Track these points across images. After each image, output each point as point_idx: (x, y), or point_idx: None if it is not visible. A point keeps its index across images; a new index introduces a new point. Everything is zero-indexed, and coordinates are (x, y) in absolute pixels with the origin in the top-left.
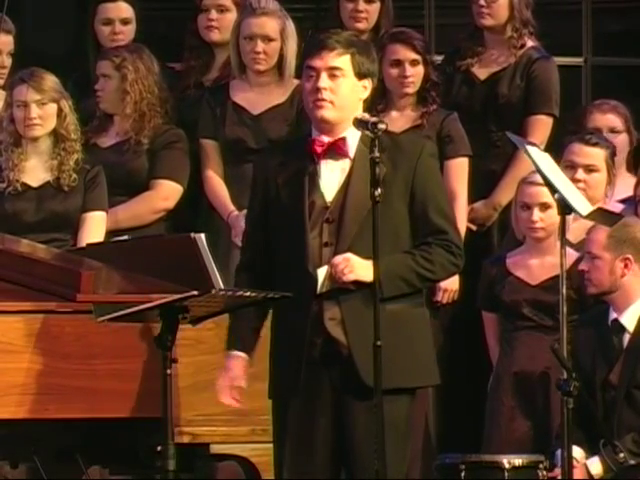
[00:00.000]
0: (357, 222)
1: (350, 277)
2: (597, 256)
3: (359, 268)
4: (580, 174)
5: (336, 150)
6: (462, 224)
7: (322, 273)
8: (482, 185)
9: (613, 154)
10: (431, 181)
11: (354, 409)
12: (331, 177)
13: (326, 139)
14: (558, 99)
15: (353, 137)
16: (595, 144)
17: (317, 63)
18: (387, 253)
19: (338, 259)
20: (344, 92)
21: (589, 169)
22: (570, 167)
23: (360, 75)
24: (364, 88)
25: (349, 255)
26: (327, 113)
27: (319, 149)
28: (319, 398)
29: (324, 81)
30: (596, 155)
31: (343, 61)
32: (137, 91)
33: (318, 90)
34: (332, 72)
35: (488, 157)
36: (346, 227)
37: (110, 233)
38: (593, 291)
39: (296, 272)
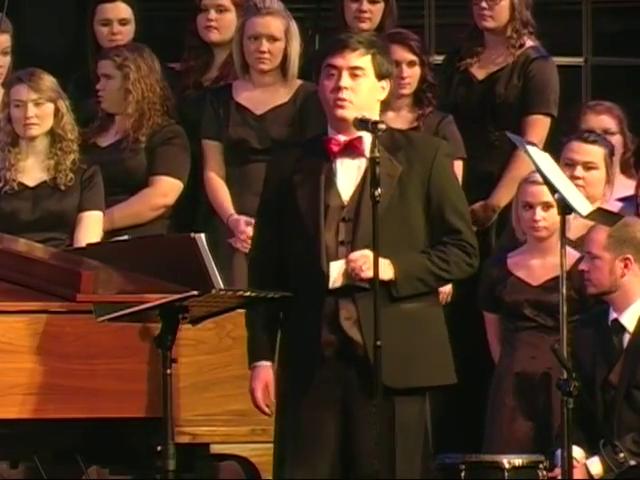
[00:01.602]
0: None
1: (368, 274)
2: (597, 256)
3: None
4: (579, 171)
5: (353, 149)
6: None
7: (335, 268)
8: (481, 186)
9: (611, 153)
10: (447, 181)
11: (366, 410)
12: (347, 176)
13: (342, 138)
14: (557, 98)
15: (369, 136)
16: (594, 142)
17: (339, 62)
18: (403, 252)
19: (356, 255)
20: (364, 92)
21: (588, 166)
22: (569, 165)
23: (380, 76)
24: (382, 89)
25: (367, 252)
26: (347, 113)
27: (335, 148)
28: (331, 398)
29: (346, 80)
30: (595, 153)
31: (365, 61)
32: (139, 90)
33: (339, 89)
34: (354, 72)
35: (486, 157)
36: (362, 226)
37: (110, 233)
38: (593, 291)
39: (311, 270)
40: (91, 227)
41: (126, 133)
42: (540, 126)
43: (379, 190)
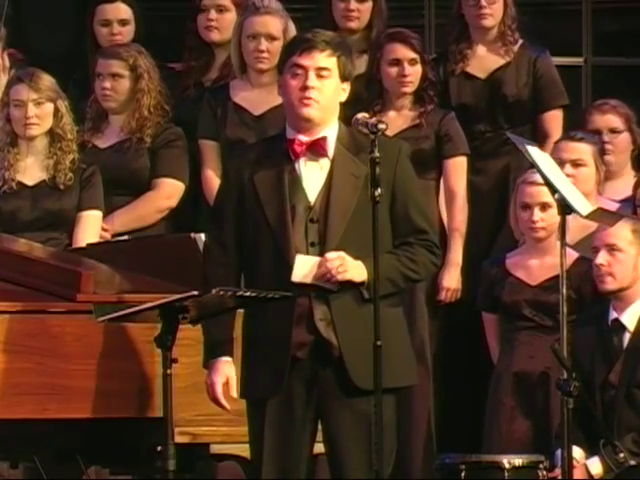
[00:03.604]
0: (343, 222)
1: (345, 276)
2: (622, 250)
3: (352, 268)
4: (568, 169)
5: (317, 149)
6: (462, 224)
7: (302, 262)
8: (502, 184)
9: (601, 150)
10: (410, 182)
11: (341, 409)
12: (311, 177)
13: (304, 138)
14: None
15: (331, 137)
16: (580, 139)
17: (307, 62)
18: (371, 253)
19: (332, 255)
20: (329, 93)
21: (576, 164)
22: (558, 164)
23: (343, 77)
24: (344, 91)
25: (343, 254)
26: (312, 112)
27: (298, 148)
28: (303, 398)
29: (313, 80)
30: (582, 150)
31: (331, 62)
32: (152, 91)
33: (307, 88)
34: (320, 72)
35: (501, 155)
36: (332, 227)
37: (116, 237)
38: (612, 287)
39: (281, 272)
40: (90, 226)
41: (131, 134)
42: (559, 120)
43: (379, 190)
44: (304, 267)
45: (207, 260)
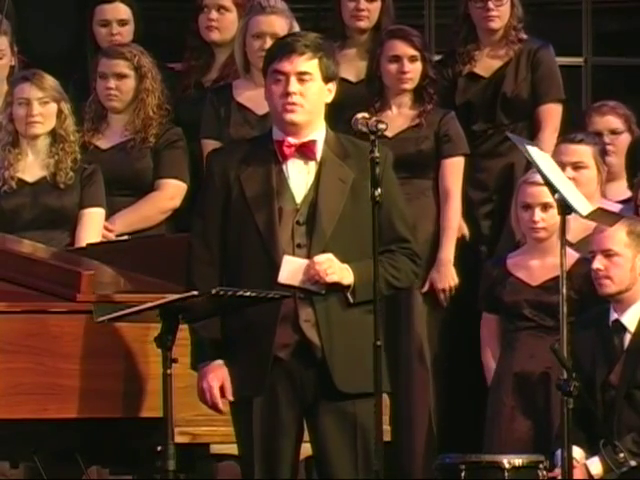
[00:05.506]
0: (330, 225)
1: (333, 278)
2: (618, 254)
3: (340, 270)
4: (568, 172)
5: (306, 152)
6: (455, 224)
7: (290, 263)
8: (504, 180)
9: (603, 151)
10: (394, 189)
11: (324, 411)
12: (299, 179)
13: (293, 141)
14: (562, 82)
15: (320, 140)
16: (580, 141)
17: (286, 67)
18: (356, 258)
19: (321, 258)
20: (312, 96)
21: (576, 166)
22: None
23: (327, 79)
24: (329, 92)
25: (332, 256)
26: (297, 117)
27: (287, 150)
28: (288, 398)
29: (294, 85)
30: (582, 152)
31: (312, 65)
32: (155, 90)
33: (288, 94)
34: (301, 76)
35: (504, 152)
36: (319, 230)
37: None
38: (611, 290)
39: (267, 273)
40: (93, 224)
41: (135, 133)
42: (556, 114)
43: (379, 190)
44: (291, 268)
45: (191, 257)
